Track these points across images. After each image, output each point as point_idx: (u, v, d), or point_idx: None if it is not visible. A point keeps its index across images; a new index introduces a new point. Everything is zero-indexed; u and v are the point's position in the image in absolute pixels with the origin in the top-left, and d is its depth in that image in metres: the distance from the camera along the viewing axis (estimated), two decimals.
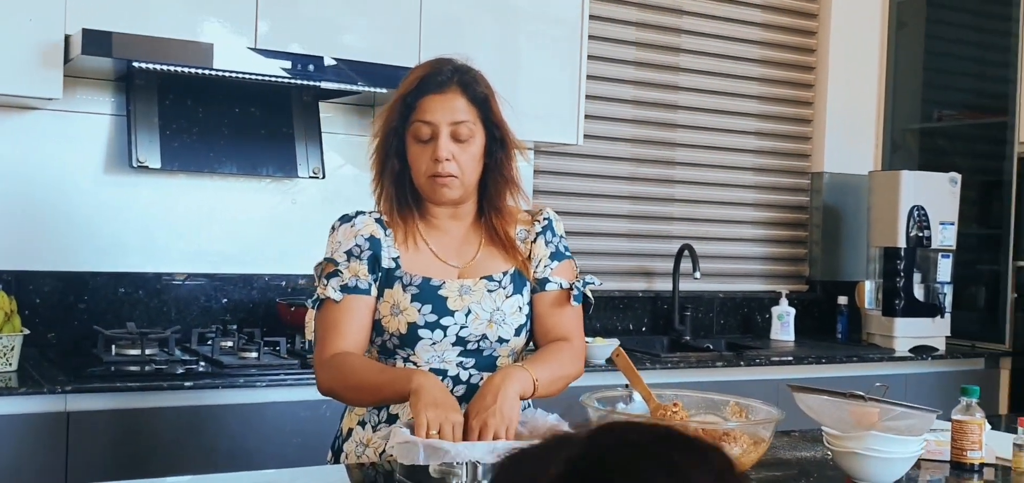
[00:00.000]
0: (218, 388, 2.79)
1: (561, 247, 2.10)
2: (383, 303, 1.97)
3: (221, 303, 3.38)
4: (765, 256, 4.59)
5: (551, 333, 2.05)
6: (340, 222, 2.04)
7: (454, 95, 1.94)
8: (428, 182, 1.96)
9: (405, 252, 1.99)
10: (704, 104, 4.38)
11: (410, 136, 1.96)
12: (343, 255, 1.97)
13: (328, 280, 1.96)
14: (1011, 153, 4.22)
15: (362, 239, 1.98)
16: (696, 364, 3.59)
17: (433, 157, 1.93)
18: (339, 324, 1.94)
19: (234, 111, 3.31)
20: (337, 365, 1.92)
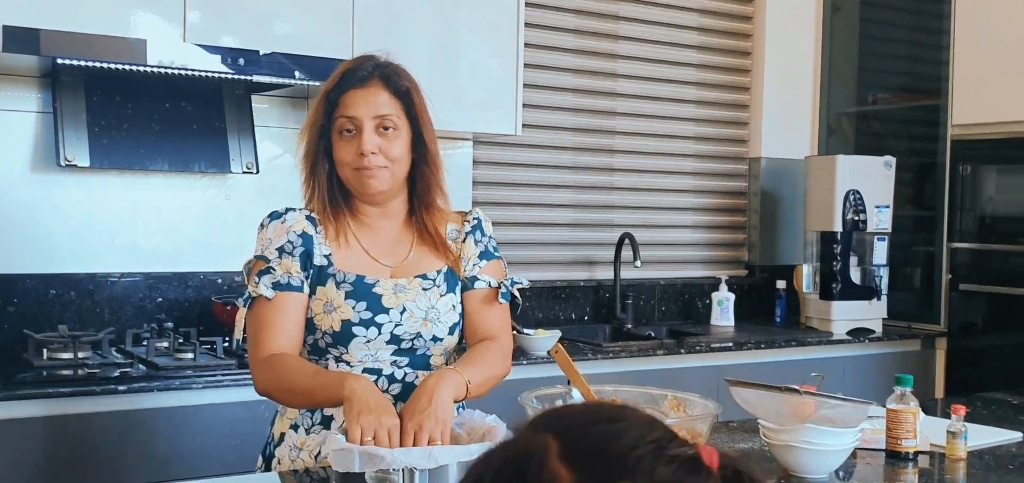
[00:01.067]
0: (153, 391, 2.73)
1: (490, 247, 2.10)
2: (315, 301, 1.94)
3: (156, 302, 3.32)
4: (704, 242, 4.61)
5: (479, 331, 2.05)
6: (270, 219, 2.01)
7: (377, 89, 1.93)
8: (355, 175, 1.95)
9: (337, 250, 1.98)
10: (643, 91, 4.38)
11: (335, 133, 1.94)
12: (275, 252, 1.94)
13: (260, 278, 1.93)
14: (944, 135, 4.29)
15: (294, 236, 1.95)
16: (637, 353, 3.60)
17: (359, 150, 1.92)
18: (272, 323, 1.91)
19: (164, 106, 3.24)
20: (272, 366, 1.89)
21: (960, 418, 2.06)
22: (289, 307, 1.92)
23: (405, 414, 1.75)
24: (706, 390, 3.68)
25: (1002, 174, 4.22)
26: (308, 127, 1.99)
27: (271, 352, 1.90)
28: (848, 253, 4.22)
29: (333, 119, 1.94)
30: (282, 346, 1.91)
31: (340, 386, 1.77)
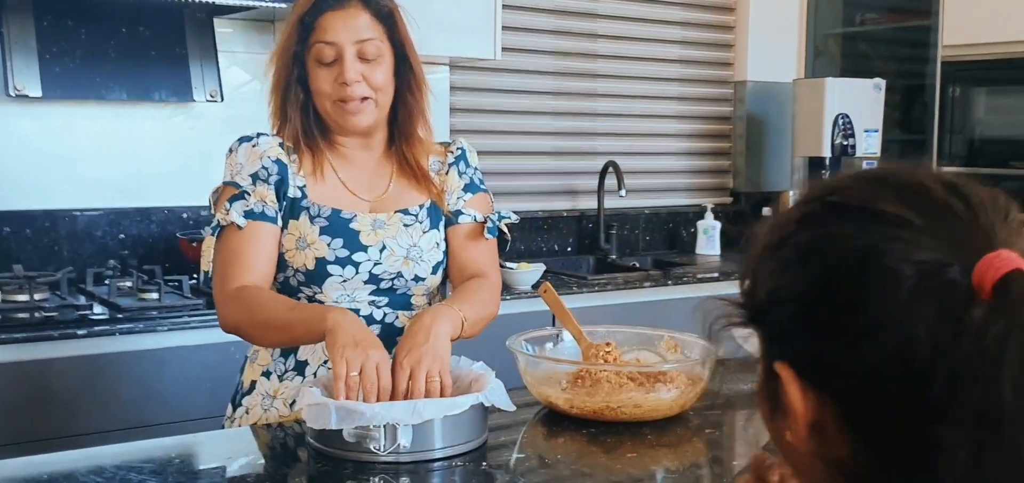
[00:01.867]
0: (116, 334, 2.58)
1: (475, 179, 1.95)
2: (287, 236, 1.79)
3: (117, 239, 3.15)
4: (689, 170, 4.48)
5: (466, 269, 1.90)
6: (240, 143, 1.84)
7: (356, 10, 1.77)
8: (336, 108, 1.79)
9: (312, 181, 1.82)
10: (625, 12, 4.21)
11: (312, 60, 1.77)
12: (247, 178, 1.78)
13: (231, 204, 1.76)
14: (935, 56, 4.15)
15: (268, 161, 1.79)
16: (624, 286, 3.47)
17: (340, 80, 1.75)
18: (243, 253, 1.75)
19: (120, 31, 3.05)
20: (242, 299, 1.72)
21: None
22: (262, 238, 1.76)
23: (400, 351, 1.59)
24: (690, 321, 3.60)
25: (992, 96, 4.10)
26: (279, 53, 1.81)
27: (241, 285, 1.74)
28: None
29: (308, 45, 1.76)
30: (254, 280, 1.75)
31: (322, 319, 1.60)
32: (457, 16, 3.37)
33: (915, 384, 0.69)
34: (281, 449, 1.68)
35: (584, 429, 1.70)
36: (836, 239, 0.74)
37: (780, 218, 0.80)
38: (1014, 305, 0.67)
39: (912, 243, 0.71)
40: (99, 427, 2.56)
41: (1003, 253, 0.69)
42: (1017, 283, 0.67)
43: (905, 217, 0.72)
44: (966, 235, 0.71)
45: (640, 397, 1.69)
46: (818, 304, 0.74)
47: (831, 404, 0.75)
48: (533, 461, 1.62)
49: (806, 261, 0.75)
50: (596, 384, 1.73)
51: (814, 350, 0.75)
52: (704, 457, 1.70)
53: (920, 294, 0.69)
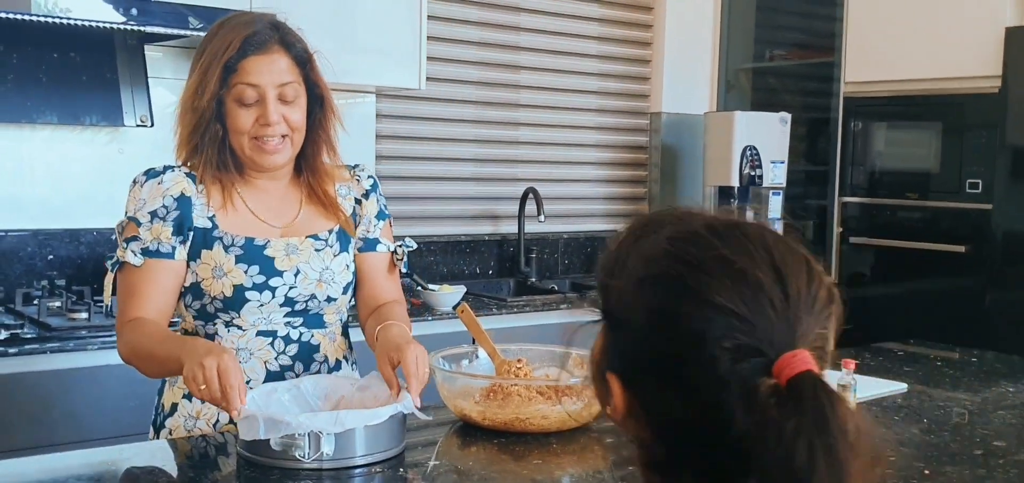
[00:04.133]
0: (46, 353, 2.65)
1: (383, 207, 2.08)
2: (201, 265, 1.88)
3: (46, 260, 3.21)
4: (606, 196, 4.66)
5: (381, 296, 2.03)
6: (146, 177, 1.92)
7: (278, 55, 1.85)
8: (253, 146, 1.88)
9: (222, 212, 1.91)
10: (546, 45, 4.38)
11: (231, 99, 1.85)
12: (146, 215, 1.87)
13: (128, 243, 1.86)
14: (838, 91, 4.39)
15: (170, 199, 1.88)
16: (541, 307, 3.62)
17: (262, 121, 1.85)
18: (139, 289, 1.85)
19: (52, 56, 3.12)
20: (130, 333, 1.83)
21: (850, 372, 2.12)
22: (158, 274, 1.86)
23: (390, 346, 1.78)
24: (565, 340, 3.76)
25: (891, 130, 4.34)
26: (196, 91, 1.85)
27: (134, 318, 1.84)
28: (745, 207, 4.31)
29: (229, 85, 1.84)
30: (148, 313, 1.84)
31: (179, 354, 1.70)
32: (383, 46, 3.50)
33: (718, 442, 0.88)
34: (206, 458, 1.78)
35: (495, 439, 1.84)
36: (674, 312, 0.90)
37: (637, 238, 0.97)
38: (805, 404, 0.84)
39: (732, 332, 0.87)
40: (28, 443, 2.62)
41: (799, 354, 0.86)
42: (806, 384, 0.85)
43: (731, 308, 0.88)
44: (777, 330, 0.88)
45: (547, 409, 1.83)
46: (649, 346, 0.92)
47: (644, 412, 0.93)
48: (448, 468, 1.75)
49: (649, 311, 0.92)
50: (507, 398, 1.87)
51: (639, 375, 0.93)
52: (604, 464, 1.84)
53: (731, 375, 0.87)
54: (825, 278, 0.93)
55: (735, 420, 0.86)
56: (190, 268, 1.89)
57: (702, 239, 0.92)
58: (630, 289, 0.93)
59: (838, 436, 0.83)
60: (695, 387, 0.88)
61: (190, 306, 1.91)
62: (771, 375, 0.86)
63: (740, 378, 0.86)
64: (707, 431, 0.89)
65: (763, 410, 0.85)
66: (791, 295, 0.89)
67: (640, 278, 0.93)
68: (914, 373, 2.51)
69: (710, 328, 0.87)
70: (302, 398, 1.78)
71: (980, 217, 3.90)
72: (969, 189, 3.93)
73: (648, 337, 0.91)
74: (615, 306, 0.95)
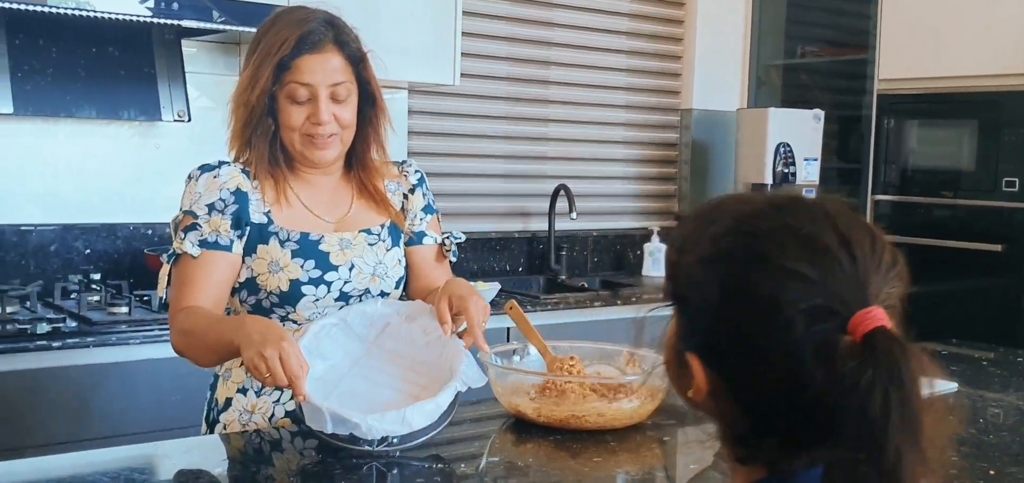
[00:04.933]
0: (89, 347, 2.65)
1: (431, 201, 2.09)
2: (257, 260, 1.88)
3: (83, 255, 3.21)
4: (635, 194, 4.64)
5: (431, 286, 2.03)
6: (201, 172, 1.92)
7: (331, 54, 1.85)
8: (304, 142, 1.88)
9: (276, 207, 1.91)
10: (577, 41, 4.36)
11: (284, 96, 1.85)
12: (204, 208, 1.87)
13: (185, 234, 1.86)
14: (871, 88, 4.37)
15: (227, 193, 1.87)
16: (575, 305, 3.61)
17: (313, 119, 1.85)
18: (194, 280, 1.84)
19: (91, 51, 3.12)
20: (182, 321, 1.82)
21: None
22: (214, 266, 1.85)
23: (454, 292, 1.79)
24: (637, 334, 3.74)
25: (925, 127, 4.32)
26: (249, 86, 1.85)
27: (185, 306, 1.83)
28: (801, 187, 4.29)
29: (282, 82, 1.84)
30: (201, 303, 1.83)
31: (234, 332, 1.68)
32: (418, 42, 3.49)
33: (799, 406, 0.90)
34: (261, 454, 1.77)
35: (550, 436, 1.83)
36: (746, 282, 0.92)
37: (703, 221, 0.98)
38: (879, 357, 0.86)
39: (805, 294, 0.89)
40: (70, 437, 2.62)
41: (873, 311, 0.89)
42: (881, 339, 0.87)
43: (802, 272, 0.90)
44: (848, 289, 0.90)
45: (603, 407, 1.82)
46: (725, 320, 0.93)
47: (726, 387, 0.94)
48: (505, 464, 1.74)
49: (722, 286, 0.93)
50: (562, 395, 1.86)
51: (718, 352, 0.94)
52: (660, 462, 1.83)
53: (807, 337, 0.89)
54: (887, 242, 0.95)
55: (814, 381, 0.88)
56: (245, 263, 1.88)
57: (766, 212, 0.95)
58: (701, 268, 0.95)
59: (911, 387, 0.86)
60: (774, 353, 0.90)
61: (245, 301, 1.90)
62: (846, 332, 0.88)
63: (816, 339, 0.88)
64: (788, 396, 0.90)
65: (840, 367, 0.87)
66: (857, 257, 0.91)
67: (709, 256, 0.95)
68: (962, 373, 2.49)
69: (783, 293, 0.89)
70: (350, 330, 1.77)
71: (1016, 216, 3.87)
72: (1005, 187, 3.90)
73: (723, 311, 0.93)
74: (687, 288, 0.97)
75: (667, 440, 1.87)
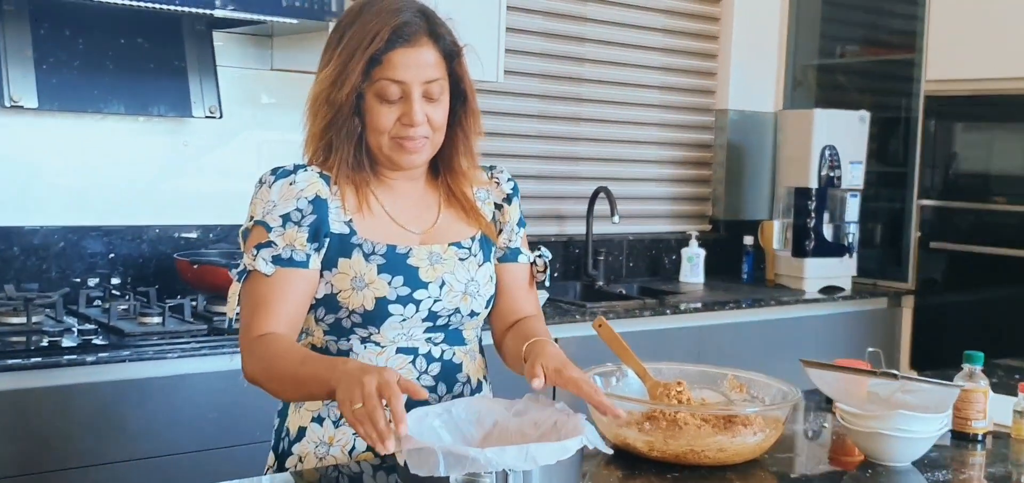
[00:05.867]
0: (124, 361, 2.46)
1: (522, 214, 1.92)
2: (338, 275, 1.69)
3: (107, 259, 3.01)
4: (670, 196, 4.47)
5: (520, 311, 1.86)
6: (275, 177, 1.70)
7: (425, 48, 1.66)
8: (393, 144, 1.69)
9: (358, 216, 1.71)
10: (612, 37, 4.19)
11: (372, 94, 1.67)
12: (278, 219, 1.67)
13: (258, 250, 1.66)
14: (918, 91, 4.21)
15: (304, 202, 1.67)
16: (624, 314, 3.44)
17: (405, 120, 1.67)
18: (269, 302, 1.65)
19: (119, 42, 2.93)
20: (262, 350, 1.62)
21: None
22: (290, 285, 1.65)
23: (548, 359, 1.62)
24: (687, 351, 3.58)
25: (971, 131, 4.17)
26: (336, 82, 1.66)
27: (263, 334, 1.64)
28: (823, 210, 4.12)
29: (371, 79, 1.65)
30: (280, 329, 1.64)
31: (327, 379, 1.50)
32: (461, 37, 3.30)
33: None
34: None
35: (662, 473, 1.65)
36: None
37: None
38: None
39: None
40: (102, 459, 2.44)
41: None
42: None
43: None
44: None
45: (726, 441, 1.65)
46: None
47: None
48: None
49: None
50: (673, 425, 1.68)
51: None
52: None
53: None
54: None
55: None
56: (324, 278, 1.69)
57: None
58: None
59: None
60: None
61: (322, 320, 1.72)
62: None
63: None
64: None
65: None
66: None
67: None
68: None
69: None
70: (455, 425, 1.59)
71: None
72: None
73: None
74: None
75: (794, 476, 1.70)
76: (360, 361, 1.57)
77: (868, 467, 1.75)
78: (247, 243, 1.70)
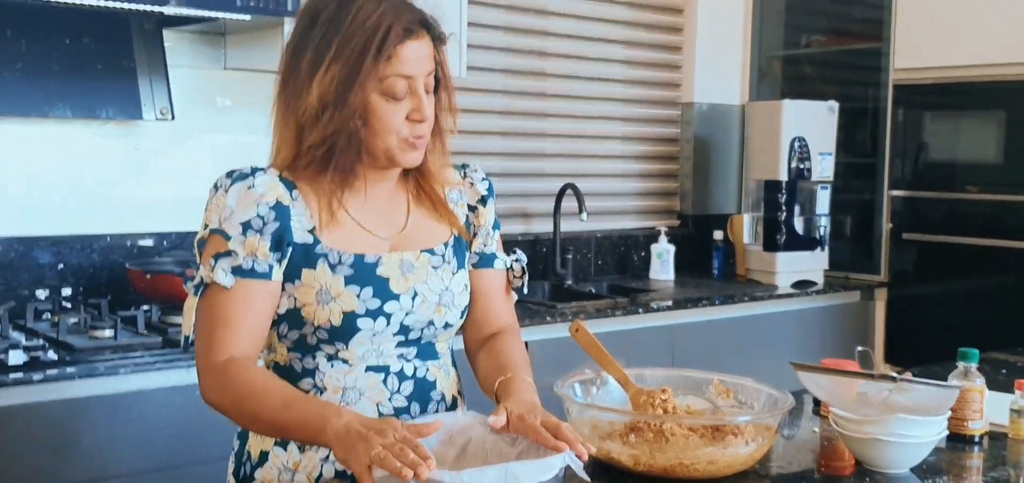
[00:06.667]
0: (73, 379, 2.32)
1: (495, 212, 1.80)
2: (302, 288, 1.56)
3: (57, 270, 2.87)
4: (638, 192, 4.39)
5: (496, 321, 1.76)
6: (231, 181, 1.57)
7: (425, 38, 1.56)
8: (402, 144, 1.57)
9: (324, 224, 1.59)
10: (574, 30, 4.09)
11: (378, 93, 1.54)
12: (237, 226, 1.54)
13: (216, 260, 1.53)
14: (886, 80, 4.15)
15: (265, 208, 1.55)
16: (595, 314, 3.34)
17: (416, 116, 1.55)
18: (231, 317, 1.52)
19: (64, 43, 2.79)
20: (230, 379, 1.50)
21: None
22: (252, 298, 1.53)
23: (515, 404, 1.50)
24: (660, 350, 3.50)
25: (940, 120, 4.12)
26: (346, 85, 1.51)
27: (228, 356, 1.52)
28: (793, 203, 4.05)
29: (380, 77, 1.52)
30: (243, 348, 1.53)
31: (321, 429, 1.40)
32: None
33: None
34: None
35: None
36: None
37: None
38: None
39: None
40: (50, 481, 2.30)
41: None
42: None
43: None
44: None
45: (717, 453, 1.56)
46: None
47: None
48: None
49: None
50: (660, 437, 1.59)
51: None
52: None
53: None
54: None
55: None
56: (286, 291, 1.57)
57: None
58: None
59: None
60: None
61: (285, 336, 1.60)
62: None
63: None
64: None
65: None
66: None
67: None
68: None
69: None
70: (426, 446, 1.48)
71: None
72: None
73: None
74: None
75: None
76: (355, 412, 1.45)
77: (864, 474, 1.66)
78: (203, 253, 1.57)
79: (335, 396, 1.59)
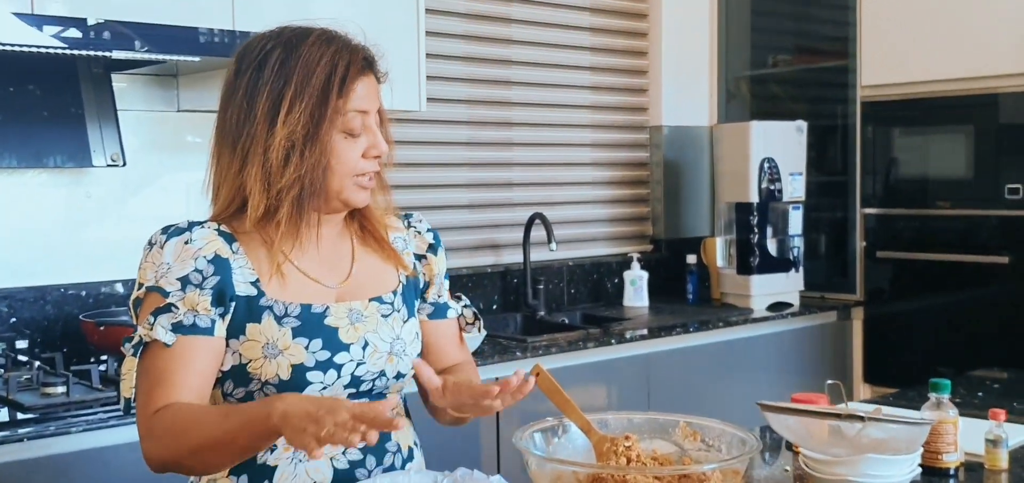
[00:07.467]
0: (22, 440, 2.23)
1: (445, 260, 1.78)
2: (248, 344, 1.50)
3: (8, 324, 2.78)
4: (609, 218, 4.33)
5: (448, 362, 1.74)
6: (166, 237, 1.52)
7: (371, 75, 1.57)
8: (354, 184, 1.54)
9: (266, 274, 1.53)
10: (538, 58, 4.04)
11: (335, 132, 1.50)
12: (175, 282, 1.48)
13: (155, 317, 1.47)
14: (854, 97, 4.12)
15: (203, 261, 1.49)
16: (568, 347, 3.27)
17: (373, 152, 1.54)
18: (172, 375, 1.45)
19: (7, 90, 2.71)
20: (168, 425, 1.42)
21: (1000, 424, 1.82)
22: (194, 355, 1.46)
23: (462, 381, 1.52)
24: (635, 380, 3.44)
25: (909, 136, 4.08)
26: (313, 123, 1.47)
27: (163, 407, 1.44)
28: (765, 224, 4.01)
29: (341, 113, 1.50)
30: None
31: (266, 416, 1.34)
32: None
33: None
34: None
35: None
36: None
37: None
38: None
39: None
40: None
41: None
42: None
43: None
44: None
45: None
46: None
47: None
48: None
49: None
50: None
51: None
52: None
53: None
54: None
55: None
56: (230, 348, 1.50)
57: None
58: None
59: None
60: None
61: (231, 394, 1.52)
62: None
63: None
64: None
65: None
66: None
67: None
68: None
69: None
70: None
71: (1022, 224, 3.65)
72: (1008, 195, 3.67)
73: None
74: None
75: None
76: (297, 394, 1.42)
77: None
78: (140, 313, 1.51)
79: (287, 454, 1.53)
